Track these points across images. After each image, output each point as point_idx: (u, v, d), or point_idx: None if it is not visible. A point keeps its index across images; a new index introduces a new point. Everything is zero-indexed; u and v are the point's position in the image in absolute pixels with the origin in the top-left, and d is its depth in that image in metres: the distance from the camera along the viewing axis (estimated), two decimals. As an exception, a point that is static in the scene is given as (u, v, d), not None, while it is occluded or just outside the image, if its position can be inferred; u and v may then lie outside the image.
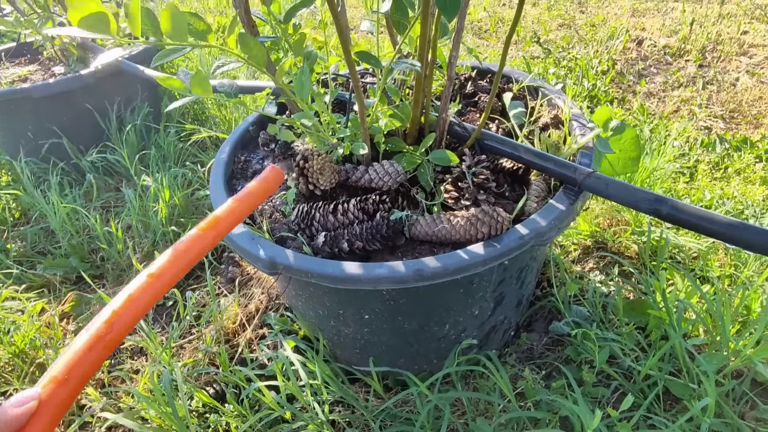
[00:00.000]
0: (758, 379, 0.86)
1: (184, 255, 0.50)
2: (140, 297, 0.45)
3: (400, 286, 0.69)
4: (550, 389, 0.90)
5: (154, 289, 0.46)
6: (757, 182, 1.39)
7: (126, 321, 0.43)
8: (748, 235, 0.60)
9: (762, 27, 2.82)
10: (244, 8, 0.80)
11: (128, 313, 0.44)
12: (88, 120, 1.64)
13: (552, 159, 0.79)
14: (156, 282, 0.47)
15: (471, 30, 3.18)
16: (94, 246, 1.36)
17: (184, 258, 0.49)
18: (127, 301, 0.44)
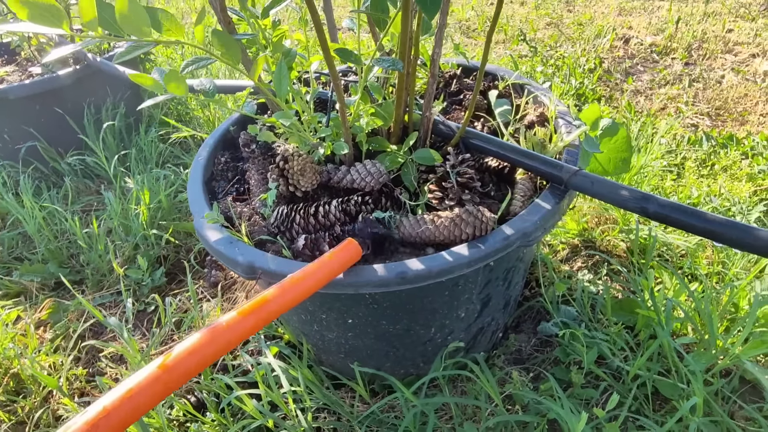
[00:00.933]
0: (747, 377, 0.85)
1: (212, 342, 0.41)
2: (138, 394, 0.38)
3: (382, 290, 0.67)
4: (538, 391, 0.89)
5: (159, 383, 0.38)
6: (743, 179, 1.39)
7: (115, 422, 0.36)
8: (734, 233, 0.59)
9: (746, 25, 2.85)
10: (220, 5, 0.78)
11: (119, 412, 0.36)
12: (66, 121, 1.60)
13: (537, 157, 0.77)
14: (165, 375, 0.39)
15: (459, 29, 3.17)
16: (73, 251, 1.32)
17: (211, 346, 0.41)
18: (124, 396, 0.37)
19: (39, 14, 0.44)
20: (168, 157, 1.64)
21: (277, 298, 0.47)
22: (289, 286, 0.49)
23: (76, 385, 1.02)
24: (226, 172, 0.96)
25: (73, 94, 1.58)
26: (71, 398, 1.00)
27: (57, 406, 0.99)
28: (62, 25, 0.52)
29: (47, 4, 0.44)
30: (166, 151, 1.64)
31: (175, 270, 1.28)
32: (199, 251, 1.30)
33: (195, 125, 1.81)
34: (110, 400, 0.36)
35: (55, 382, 0.92)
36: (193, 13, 3.90)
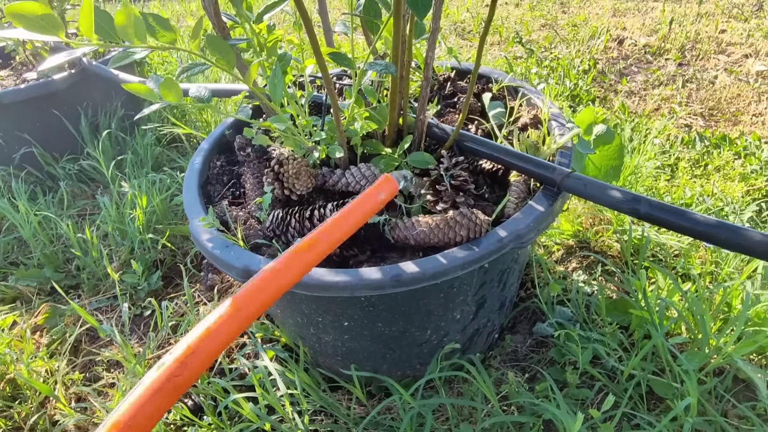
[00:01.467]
0: (740, 376, 0.86)
1: (272, 281, 0.43)
2: (219, 330, 0.40)
3: (378, 293, 0.67)
4: (534, 392, 0.89)
5: (235, 321, 0.41)
6: (736, 179, 1.40)
7: (201, 359, 0.38)
8: (724, 234, 0.60)
9: (739, 25, 2.87)
10: (214, 9, 0.78)
11: (204, 349, 0.38)
12: (61, 126, 1.60)
13: (530, 160, 0.78)
14: (237, 313, 0.41)
15: (454, 31, 3.18)
16: (69, 255, 1.32)
17: (272, 285, 0.43)
18: (204, 335, 0.39)
19: (35, 23, 0.44)
20: (164, 160, 1.64)
21: (331, 230, 0.48)
22: (341, 218, 0.51)
23: (73, 389, 1.02)
24: (221, 176, 0.96)
25: (69, 98, 1.58)
26: (68, 403, 0.99)
27: (53, 411, 0.98)
28: (58, 33, 0.52)
29: (44, 13, 0.44)
30: (162, 155, 1.64)
31: (171, 274, 1.28)
32: (196, 255, 1.30)
33: (192, 129, 1.81)
34: (193, 339, 0.39)
35: (49, 389, 0.92)
36: (189, 17, 3.91)
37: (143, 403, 0.35)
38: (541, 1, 3.71)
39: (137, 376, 0.95)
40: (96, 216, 1.42)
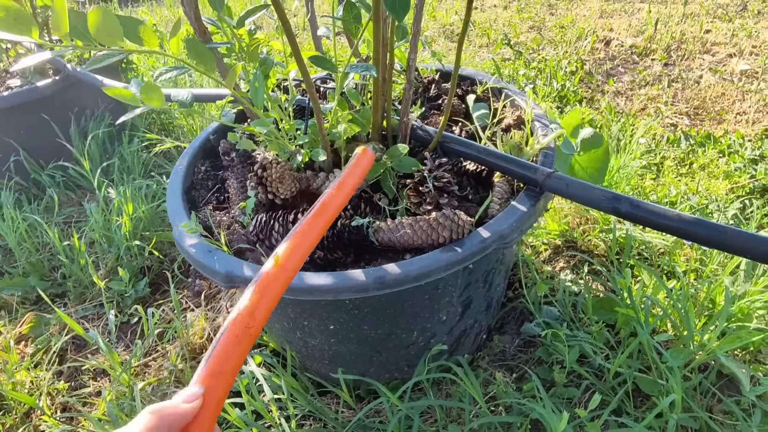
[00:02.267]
0: (724, 371, 0.87)
1: (303, 242, 0.53)
2: (272, 287, 0.48)
3: (361, 295, 0.67)
4: (522, 392, 0.89)
5: (282, 278, 0.50)
6: (720, 177, 1.41)
7: (263, 311, 0.46)
8: (702, 231, 0.60)
9: (723, 26, 2.91)
10: (194, 14, 0.78)
11: (263, 304, 0.47)
12: (47, 133, 1.58)
13: (513, 160, 0.78)
14: (282, 272, 0.50)
15: (443, 33, 3.20)
16: (55, 263, 1.31)
17: (303, 245, 0.53)
18: (259, 293, 0.47)
19: (6, 20, 0.44)
20: (152, 166, 1.63)
21: (331, 200, 0.59)
22: (336, 190, 0.60)
23: (59, 399, 1.01)
24: (206, 180, 0.96)
25: (54, 105, 1.57)
26: (53, 413, 0.98)
27: (39, 422, 0.97)
28: (31, 33, 0.52)
29: (15, 10, 0.44)
30: (150, 161, 1.63)
31: (159, 280, 1.27)
32: (183, 261, 1.29)
33: (179, 133, 1.80)
34: (251, 296, 0.46)
35: (33, 400, 0.90)
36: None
37: (228, 352, 0.42)
38: (529, 3, 3.74)
39: (122, 384, 0.94)
40: (83, 223, 1.41)
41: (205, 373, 0.41)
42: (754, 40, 2.66)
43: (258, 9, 0.76)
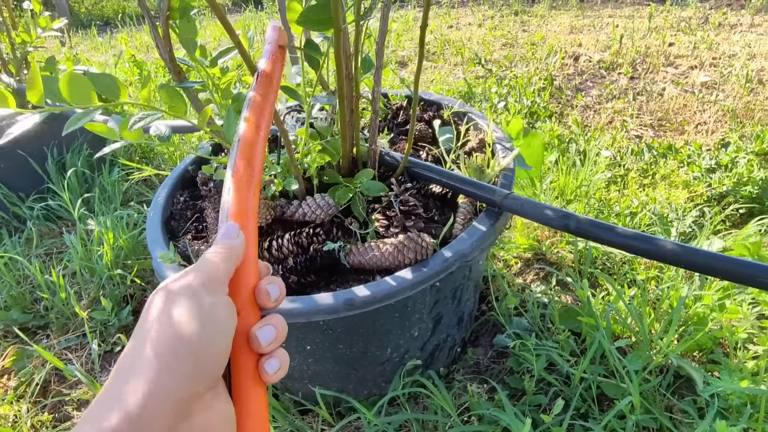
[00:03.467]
0: (682, 373, 0.92)
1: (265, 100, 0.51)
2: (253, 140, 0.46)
3: (333, 317, 0.71)
4: (494, 401, 0.94)
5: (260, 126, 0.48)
6: (680, 186, 1.49)
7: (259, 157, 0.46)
8: (641, 244, 0.66)
9: (686, 38, 3.05)
10: (169, 56, 0.83)
11: (256, 153, 0.46)
12: (27, 166, 1.61)
13: (473, 183, 0.84)
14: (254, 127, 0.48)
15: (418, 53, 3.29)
16: (36, 295, 1.32)
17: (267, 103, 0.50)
18: (247, 144, 0.45)
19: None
20: (132, 195, 1.66)
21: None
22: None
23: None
24: (185, 210, 0.99)
25: (35, 138, 1.59)
26: (38, 445, 0.99)
27: (23, 454, 0.98)
28: (8, 103, 0.56)
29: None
30: (130, 190, 1.65)
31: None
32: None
33: (159, 161, 1.83)
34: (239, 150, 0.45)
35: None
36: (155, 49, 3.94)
37: (245, 196, 0.42)
38: (503, 20, 3.87)
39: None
40: (64, 254, 1.43)
41: (234, 214, 0.41)
42: (714, 52, 2.79)
43: (229, 50, 0.81)
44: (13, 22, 1.64)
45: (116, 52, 3.17)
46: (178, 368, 0.30)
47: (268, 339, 0.36)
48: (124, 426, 0.27)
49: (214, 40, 4.05)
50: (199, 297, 0.33)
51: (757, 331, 0.98)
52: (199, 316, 0.32)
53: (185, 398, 0.29)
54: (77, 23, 5.38)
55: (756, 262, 0.58)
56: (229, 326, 0.34)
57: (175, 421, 0.29)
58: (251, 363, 0.36)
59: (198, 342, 0.31)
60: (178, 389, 0.29)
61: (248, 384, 0.35)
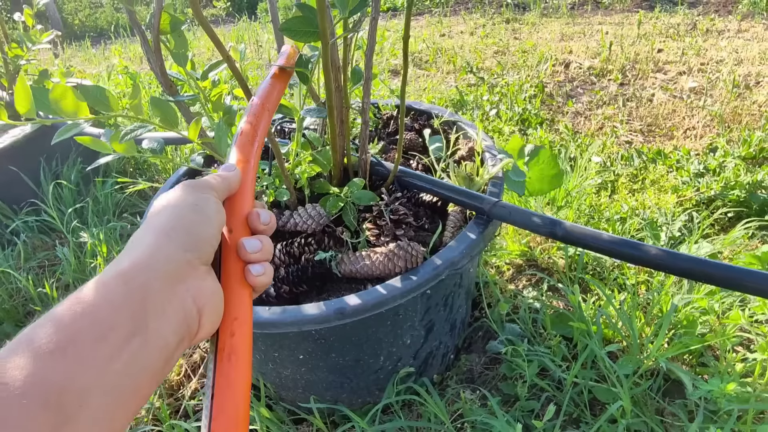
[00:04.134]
0: (672, 376, 0.93)
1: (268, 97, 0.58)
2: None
3: (324, 326, 0.72)
4: (487, 408, 0.94)
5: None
6: (669, 191, 1.51)
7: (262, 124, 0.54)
8: (627, 250, 0.67)
9: (674, 44, 3.09)
10: (160, 69, 0.84)
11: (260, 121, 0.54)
12: (19, 179, 1.61)
13: (462, 191, 0.85)
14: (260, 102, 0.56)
15: (411, 61, 3.32)
16: (29, 308, 1.32)
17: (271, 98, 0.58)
18: (252, 113, 0.54)
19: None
20: (126, 206, 1.66)
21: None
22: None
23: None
24: (177, 222, 1.00)
25: (27, 150, 1.59)
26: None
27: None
28: (0, 115, 0.57)
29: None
30: (123, 201, 1.66)
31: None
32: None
33: (153, 172, 1.84)
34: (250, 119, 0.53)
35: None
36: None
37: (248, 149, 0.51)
38: (494, 28, 3.92)
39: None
40: (57, 267, 1.43)
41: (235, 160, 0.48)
42: (702, 58, 2.84)
43: (218, 64, 0.82)
44: (5, 36, 1.65)
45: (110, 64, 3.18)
46: (175, 238, 0.37)
47: (254, 248, 0.42)
48: (133, 269, 0.34)
49: (208, 50, 4.07)
50: (188, 195, 0.40)
51: (753, 334, 0.99)
52: (191, 206, 0.39)
53: (182, 261, 0.36)
54: (71, 35, 5.39)
55: (737, 266, 0.59)
56: (215, 217, 0.40)
57: (173, 278, 0.35)
58: (239, 267, 0.42)
59: (190, 223, 0.38)
60: (176, 253, 0.36)
61: (235, 282, 0.41)
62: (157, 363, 0.32)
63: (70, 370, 0.28)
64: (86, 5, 6.04)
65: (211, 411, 0.36)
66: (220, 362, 0.38)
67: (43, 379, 0.27)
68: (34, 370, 0.27)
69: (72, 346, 0.29)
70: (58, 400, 0.27)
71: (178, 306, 0.34)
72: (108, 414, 0.29)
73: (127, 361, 0.30)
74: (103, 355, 0.29)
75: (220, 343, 0.38)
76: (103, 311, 0.31)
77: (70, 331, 0.29)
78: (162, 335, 0.33)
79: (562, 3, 4.31)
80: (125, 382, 0.30)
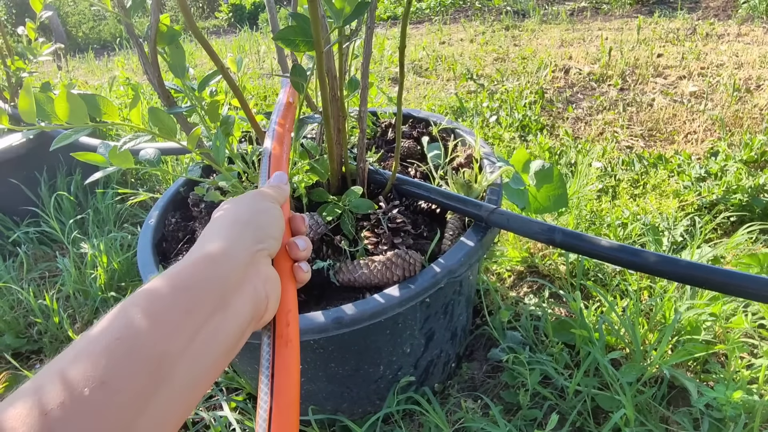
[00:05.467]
0: (676, 383, 0.92)
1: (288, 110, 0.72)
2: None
3: (322, 336, 0.72)
4: (489, 417, 0.93)
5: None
6: (670, 196, 1.50)
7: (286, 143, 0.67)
8: (626, 256, 0.66)
9: (674, 49, 3.09)
10: (158, 81, 0.84)
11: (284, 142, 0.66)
12: (20, 190, 1.62)
13: (460, 199, 0.84)
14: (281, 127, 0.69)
15: (411, 69, 3.33)
16: (30, 319, 1.32)
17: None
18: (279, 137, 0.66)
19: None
20: (126, 217, 1.66)
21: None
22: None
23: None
24: (176, 232, 1.00)
25: (28, 162, 1.60)
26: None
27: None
28: (2, 120, 0.57)
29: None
30: (124, 211, 1.66)
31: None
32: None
33: (153, 182, 1.84)
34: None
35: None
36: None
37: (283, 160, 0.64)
38: (494, 35, 3.93)
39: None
40: (58, 278, 1.43)
41: (272, 166, 0.58)
42: (702, 62, 2.83)
43: (215, 74, 0.83)
44: (8, 49, 1.67)
45: (112, 76, 3.22)
46: (248, 233, 0.43)
47: (303, 246, 0.50)
48: (218, 253, 0.39)
49: (210, 61, 4.10)
50: (260, 201, 0.49)
51: (758, 339, 0.98)
52: (263, 210, 0.47)
53: (254, 250, 0.42)
54: (75, 47, 5.45)
55: (736, 272, 0.59)
56: (280, 221, 0.48)
57: (249, 264, 0.40)
58: (288, 265, 0.49)
59: (261, 224, 0.45)
60: (251, 244, 0.42)
61: (286, 278, 0.47)
62: (232, 339, 0.36)
63: (164, 338, 0.31)
64: (89, 17, 6.11)
65: (272, 391, 0.39)
66: (279, 348, 0.42)
67: (143, 345, 0.30)
68: (134, 333, 0.30)
69: (165, 315, 0.32)
70: (158, 362, 0.30)
71: (251, 288, 0.39)
72: (193, 381, 0.32)
73: (211, 333, 0.34)
74: (192, 325, 0.33)
75: (278, 331, 0.43)
76: (194, 288, 0.35)
77: (164, 303, 0.33)
78: (239, 313, 0.37)
79: (562, 9, 4.34)
80: (207, 353, 0.33)
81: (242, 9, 6.83)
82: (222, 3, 7.24)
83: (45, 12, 1.45)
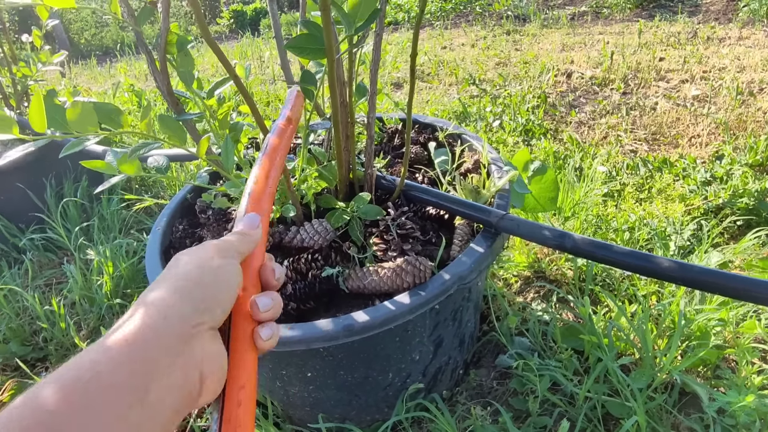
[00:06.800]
0: (687, 389, 0.91)
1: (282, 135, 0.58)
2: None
3: (332, 343, 0.71)
4: (498, 424, 0.92)
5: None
6: (676, 200, 1.50)
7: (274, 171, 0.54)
8: (637, 262, 0.66)
9: (675, 53, 3.10)
10: (167, 89, 0.84)
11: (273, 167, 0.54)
12: (26, 197, 1.62)
13: (469, 204, 0.84)
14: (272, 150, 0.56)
15: (414, 74, 3.34)
16: (36, 327, 1.31)
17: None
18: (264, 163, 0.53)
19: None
20: (132, 223, 1.66)
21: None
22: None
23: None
24: (184, 239, 1.00)
25: (35, 169, 1.61)
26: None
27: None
28: (12, 130, 0.57)
29: None
30: (130, 218, 1.66)
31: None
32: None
33: (158, 189, 1.84)
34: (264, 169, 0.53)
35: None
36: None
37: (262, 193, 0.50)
38: (495, 40, 3.94)
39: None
40: (63, 285, 1.43)
41: (250, 206, 0.48)
42: (704, 66, 2.84)
43: (224, 81, 0.83)
44: (13, 56, 1.68)
45: (115, 82, 3.23)
46: (190, 302, 0.37)
47: (266, 306, 0.42)
48: (148, 330, 0.33)
49: (212, 67, 4.12)
50: (212, 259, 0.40)
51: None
52: (214, 270, 0.40)
53: (193, 324, 0.36)
54: (77, 54, 5.48)
55: (748, 277, 0.58)
56: (233, 283, 0.41)
57: (182, 340, 0.35)
58: (248, 329, 0.42)
59: (207, 289, 0.38)
60: (190, 316, 0.36)
61: (244, 346, 0.41)
62: (156, 429, 0.32)
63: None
64: (92, 24, 6.14)
65: None
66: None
67: None
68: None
69: (79, 414, 0.29)
70: None
71: (180, 375, 0.34)
72: None
73: (128, 430, 0.30)
74: (106, 422, 0.29)
75: (225, 413, 0.37)
76: (106, 378, 0.30)
77: (74, 398, 0.29)
78: (163, 402, 0.32)
79: (562, 14, 4.35)
80: None
81: (243, 15, 6.87)
82: (223, 9, 7.28)
83: (51, 21, 1.45)
